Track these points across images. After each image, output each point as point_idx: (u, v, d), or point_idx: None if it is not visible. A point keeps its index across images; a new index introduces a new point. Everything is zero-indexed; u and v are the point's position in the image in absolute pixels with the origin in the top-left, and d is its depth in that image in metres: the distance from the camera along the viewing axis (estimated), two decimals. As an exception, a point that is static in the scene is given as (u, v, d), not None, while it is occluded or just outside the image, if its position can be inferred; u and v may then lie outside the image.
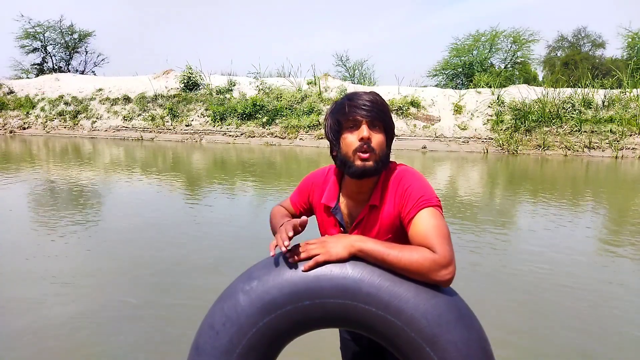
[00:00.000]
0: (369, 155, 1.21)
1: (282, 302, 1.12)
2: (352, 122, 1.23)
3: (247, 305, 1.14)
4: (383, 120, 1.24)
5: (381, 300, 1.08)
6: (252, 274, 1.19)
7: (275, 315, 1.12)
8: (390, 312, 1.08)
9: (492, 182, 9.57)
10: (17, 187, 7.62)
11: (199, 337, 1.19)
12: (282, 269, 1.15)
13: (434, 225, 1.14)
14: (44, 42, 28.31)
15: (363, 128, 1.21)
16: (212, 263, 3.99)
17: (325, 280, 1.11)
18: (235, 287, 1.20)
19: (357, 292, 1.09)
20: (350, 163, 1.23)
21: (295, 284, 1.13)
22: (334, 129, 1.28)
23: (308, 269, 1.12)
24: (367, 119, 1.22)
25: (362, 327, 1.14)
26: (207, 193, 7.59)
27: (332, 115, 1.29)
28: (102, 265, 3.90)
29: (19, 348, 2.55)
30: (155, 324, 2.88)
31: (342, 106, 1.26)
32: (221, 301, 1.20)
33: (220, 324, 1.15)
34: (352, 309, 1.10)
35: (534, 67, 29.94)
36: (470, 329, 1.09)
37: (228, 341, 1.13)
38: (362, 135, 1.20)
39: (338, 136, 1.27)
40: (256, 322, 1.13)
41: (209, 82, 19.62)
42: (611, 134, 14.31)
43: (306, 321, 1.15)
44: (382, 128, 1.25)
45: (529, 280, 3.71)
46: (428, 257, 1.07)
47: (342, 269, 1.12)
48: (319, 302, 1.12)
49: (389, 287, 1.09)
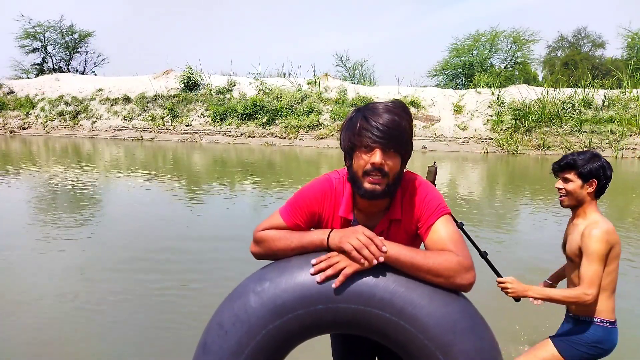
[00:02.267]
0: (379, 180, 1.17)
1: (294, 306, 1.10)
2: (366, 144, 1.17)
3: (258, 306, 1.11)
4: (397, 146, 1.17)
5: (395, 306, 1.07)
6: (264, 275, 1.17)
7: (286, 319, 1.10)
8: (404, 318, 1.06)
9: (492, 182, 9.57)
10: (16, 187, 7.62)
11: (207, 335, 1.17)
12: (295, 271, 1.13)
13: (453, 232, 1.19)
14: (44, 42, 28.33)
15: (376, 153, 1.15)
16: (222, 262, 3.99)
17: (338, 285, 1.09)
18: (247, 287, 1.17)
19: (371, 298, 1.07)
20: (359, 183, 1.19)
21: (308, 287, 1.10)
22: (348, 145, 1.22)
23: (339, 285, 1.09)
24: (381, 146, 1.15)
25: (374, 332, 1.12)
26: (207, 193, 7.59)
27: (346, 131, 1.23)
28: (101, 265, 3.90)
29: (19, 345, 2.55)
30: (157, 321, 2.88)
31: (356, 125, 1.19)
32: (231, 300, 1.18)
33: (230, 324, 1.13)
34: (365, 314, 1.08)
35: (534, 67, 30.01)
36: (482, 338, 1.08)
37: (237, 342, 1.11)
38: (374, 161, 1.15)
39: (351, 153, 1.21)
40: (266, 324, 1.10)
41: (209, 82, 19.63)
42: (611, 134, 14.32)
43: (317, 325, 1.12)
44: (398, 152, 1.19)
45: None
46: (454, 260, 1.10)
47: (355, 273, 1.09)
48: (332, 307, 1.09)
49: (403, 292, 1.07)
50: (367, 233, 1.11)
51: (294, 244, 1.21)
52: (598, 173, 1.75)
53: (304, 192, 1.32)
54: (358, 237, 1.10)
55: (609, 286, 1.76)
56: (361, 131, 1.17)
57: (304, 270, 1.12)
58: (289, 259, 1.19)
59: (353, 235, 1.11)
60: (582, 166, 1.76)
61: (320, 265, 1.11)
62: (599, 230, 1.71)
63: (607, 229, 1.72)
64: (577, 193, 1.80)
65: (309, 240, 1.19)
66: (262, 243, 1.26)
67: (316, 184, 1.33)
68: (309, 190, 1.32)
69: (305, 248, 1.19)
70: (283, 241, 1.22)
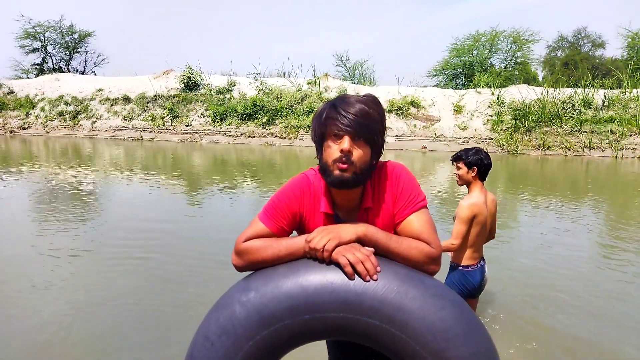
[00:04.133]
0: (347, 167, 1.16)
1: (281, 316, 1.07)
2: (334, 132, 1.18)
3: (244, 317, 1.09)
4: (366, 135, 1.18)
5: (385, 313, 1.04)
6: (249, 284, 1.14)
7: (273, 329, 1.08)
8: (395, 326, 1.04)
9: (492, 183, 9.57)
10: (17, 188, 7.62)
11: (194, 347, 1.15)
12: (281, 280, 1.10)
13: (426, 221, 1.23)
14: (44, 42, 28.35)
15: (345, 140, 1.16)
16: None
17: (326, 294, 1.06)
18: (232, 297, 1.14)
19: (360, 306, 1.05)
20: (329, 172, 1.19)
21: (295, 297, 1.07)
22: (318, 135, 1.23)
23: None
24: (349, 134, 1.16)
25: (364, 339, 1.10)
26: (206, 193, 7.59)
27: (316, 120, 1.24)
28: (100, 268, 3.90)
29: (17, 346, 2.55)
30: (157, 324, 2.88)
31: (324, 114, 1.20)
32: (216, 311, 1.15)
33: (216, 336, 1.11)
34: (354, 322, 1.06)
35: (534, 67, 29.98)
36: (478, 344, 1.05)
37: (223, 354, 1.09)
38: (342, 147, 1.15)
39: (321, 142, 1.22)
40: (253, 335, 1.08)
41: (209, 82, 19.62)
42: (611, 134, 14.31)
43: (306, 334, 1.10)
44: (367, 142, 1.19)
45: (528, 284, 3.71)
46: (424, 250, 1.17)
47: (343, 280, 1.07)
48: (320, 317, 1.07)
49: (393, 298, 1.05)
50: (365, 250, 1.11)
51: (282, 252, 1.17)
52: (477, 162, 2.46)
53: (282, 194, 1.29)
54: (355, 252, 1.10)
55: (473, 243, 2.47)
56: (330, 120, 1.18)
57: (290, 278, 1.09)
58: (274, 267, 1.15)
59: (351, 250, 1.10)
60: (467, 158, 2.48)
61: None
62: (466, 202, 2.46)
63: (474, 202, 2.45)
64: (464, 176, 2.52)
65: (298, 246, 1.16)
66: (246, 255, 1.20)
67: (293, 183, 1.31)
68: (287, 190, 1.29)
69: (295, 255, 1.16)
70: (270, 250, 1.17)
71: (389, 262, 1.13)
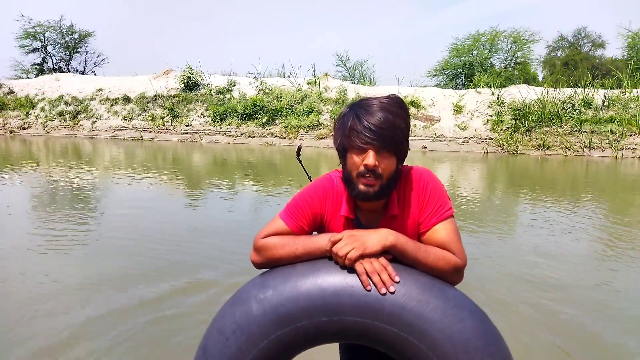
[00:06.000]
0: (373, 182, 1.13)
1: (298, 317, 1.06)
2: (358, 146, 1.13)
3: (260, 315, 1.08)
4: (393, 145, 1.13)
5: (404, 320, 1.02)
6: (267, 282, 1.13)
7: (288, 329, 1.06)
8: (414, 335, 1.02)
9: (492, 183, 9.57)
10: (17, 188, 7.62)
11: (207, 339, 1.15)
12: (299, 279, 1.09)
13: (453, 231, 1.20)
14: (44, 42, 28.34)
15: (369, 155, 1.11)
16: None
17: (345, 297, 1.04)
18: (248, 293, 1.13)
19: (379, 311, 1.03)
20: (353, 185, 1.16)
21: (312, 298, 1.05)
22: (341, 146, 1.19)
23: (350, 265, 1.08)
24: (374, 147, 1.11)
25: (380, 345, 1.08)
26: (206, 193, 7.59)
27: (338, 132, 1.19)
28: (100, 270, 3.91)
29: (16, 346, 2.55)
30: (160, 323, 2.88)
31: (347, 126, 1.15)
32: (232, 306, 1.14)
33: (230, 331, 1.10)
34: (372, 327, 1.04)
35: (534, 67, 29.98)
36: (496, 356, 1.04)
37: (237, 349, 1.08)
38: (367, 162, 1.11)
39: (344, 153, 1.18)
40: (268, 334, 1.07)
41: (209, 82, 19.62)
42: (611, 134, 14.32)
43: (321, 336, 1.09)
44: (392, 152, 1.15)
45: (527, 286, 3.71)
46: (452, 262, 1.14)
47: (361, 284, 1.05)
48: (337, 320, 1.05)
49: (413, 307, 1.03)
50: (383, 261, 1.08)
51: (299, 250, 1.15)
52: None
53: (305, 193, 1.27)
54: (372, 261, 1.07)
55: None
56: (353, 132, 1.13)
57: (309, 279, 1.08)
58: (293, 265, 1.14)
59: (368, 259, 1.08)
60: None
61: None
62: None
63: None
64: None
65: (316, 247, 1.14)
66: (264, 251, 1.19)
67: (317, 183, 1.29)
68: (311, 190, 1.27)
69: (312, 254, 1.15)
70: (287, 248, 1.16)
71: (410, 269, 1.11)
